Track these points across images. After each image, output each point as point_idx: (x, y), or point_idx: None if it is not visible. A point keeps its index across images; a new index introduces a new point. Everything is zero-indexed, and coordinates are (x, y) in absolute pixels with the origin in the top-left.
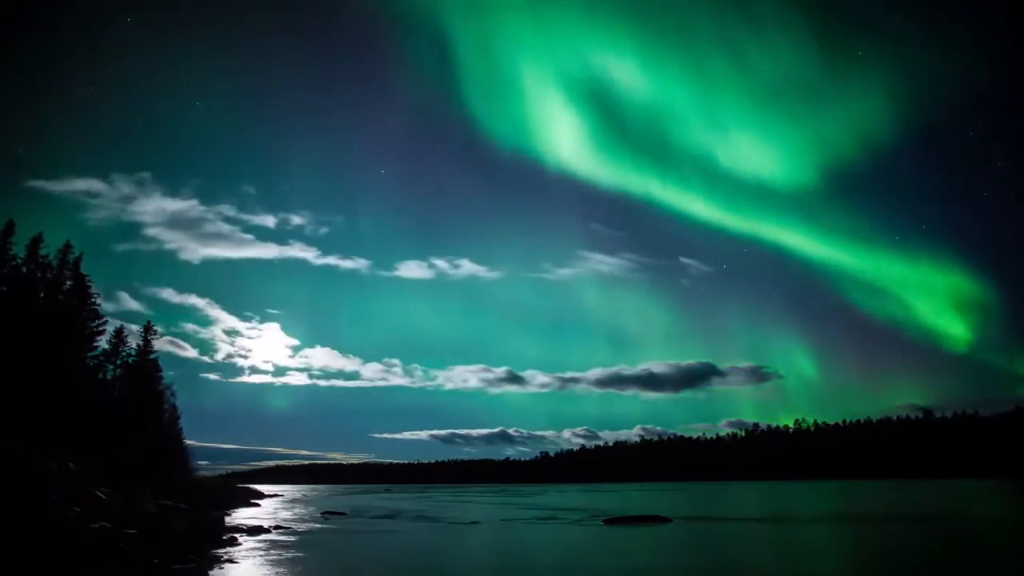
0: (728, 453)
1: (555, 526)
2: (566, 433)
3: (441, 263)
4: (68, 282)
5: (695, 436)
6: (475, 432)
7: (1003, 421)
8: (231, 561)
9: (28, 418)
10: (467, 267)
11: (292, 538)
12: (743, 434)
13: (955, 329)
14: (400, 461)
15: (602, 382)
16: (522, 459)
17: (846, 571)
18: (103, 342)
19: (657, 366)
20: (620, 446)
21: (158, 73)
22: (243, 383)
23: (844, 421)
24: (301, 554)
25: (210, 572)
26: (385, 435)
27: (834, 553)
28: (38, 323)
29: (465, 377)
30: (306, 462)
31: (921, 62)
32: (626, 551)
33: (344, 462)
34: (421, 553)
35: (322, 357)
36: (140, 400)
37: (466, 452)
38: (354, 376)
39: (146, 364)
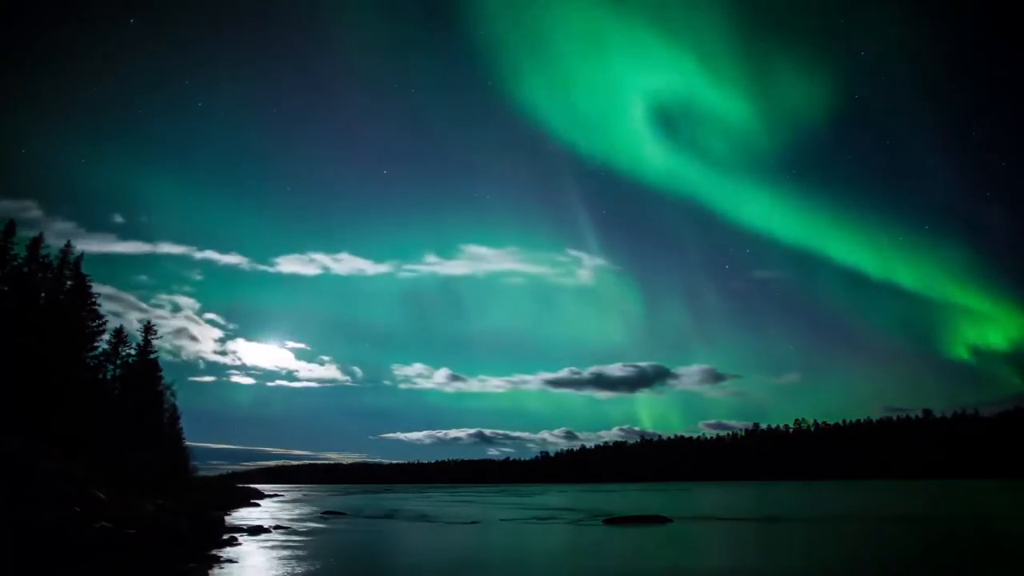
0: (728, 453)
1: (555, 526)
2: (543, 434)
3: (321, 257)
4: (68, 282)
5: (695, 436)
6: (451, 433)
7: (1003, 421)
8: (231, 561)
9: (28, 418)
10: (348, 261)
11: (292, 538)
12: (743, 434)
13: (949, 332)
14: (397, 461)
15: (553, 383)
16: (522, 459)
17: (846, 571)
18: (103, 342)
19: (608, 368)
20: (620, 446)
21: (161, 74)
22: (193, 382)
23: (844, 421)
24: (301, 554)
25: (210, 572)
26: (368, 437)
27: (834, 553)
28: (38, 323)
29: (411, 377)
30: (273, 463)
31: (924, 62)
32: (627, 551)
33: (343, 462)
34: (421, 553)
35: (253, 352)
36: (140, 400)
37: (448, 453)
38: (293, 376)
39: (146, 364)
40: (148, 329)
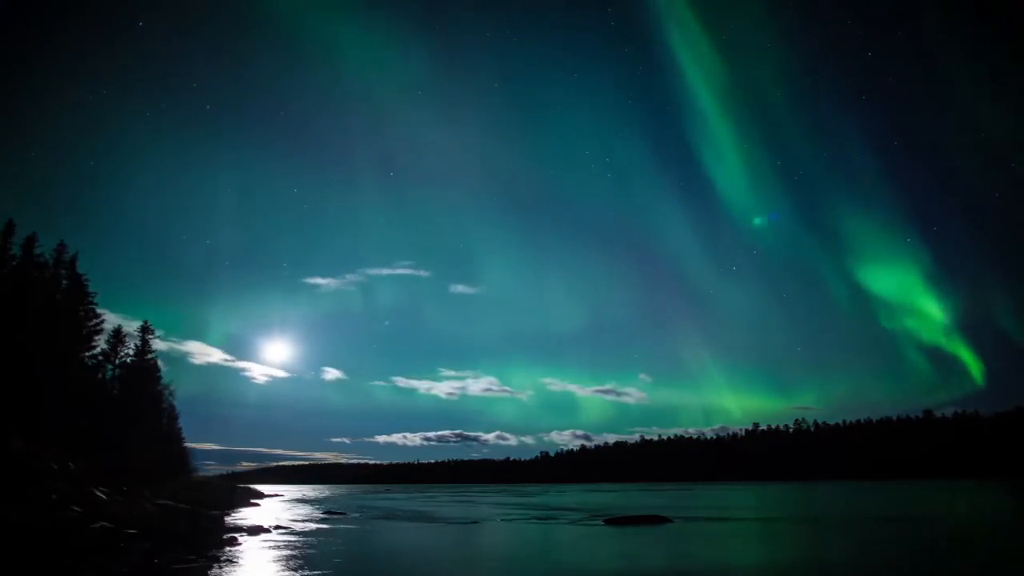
0: (728, 453)
1: (556, 526)
2: (480, 434)
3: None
4: (64, 281)
5: (695, 437)
6: (418, 435)
7: (1003, 421)
8: (231, 561)
9: (28, 418)
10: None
11: (292, 538)
12: (743, 434)
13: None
14: (399, 461)
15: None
16: (523, 459)
17: (846, 571)
18: (101, 342)
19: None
20: (621, 446)
21: (169, 76)
22: (192, 382)
23: (844, 421)
24: (301, 554)
25: (210, 572)
26: (364, 437)
27: (833, 553)
28: (36, 323)
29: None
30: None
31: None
32: (627, 551)
33: (343, 462)
34: (421, 553)
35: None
36: (139, 400)
37: (415, 454)
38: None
39: (144, 364)
40: (146, 330)
